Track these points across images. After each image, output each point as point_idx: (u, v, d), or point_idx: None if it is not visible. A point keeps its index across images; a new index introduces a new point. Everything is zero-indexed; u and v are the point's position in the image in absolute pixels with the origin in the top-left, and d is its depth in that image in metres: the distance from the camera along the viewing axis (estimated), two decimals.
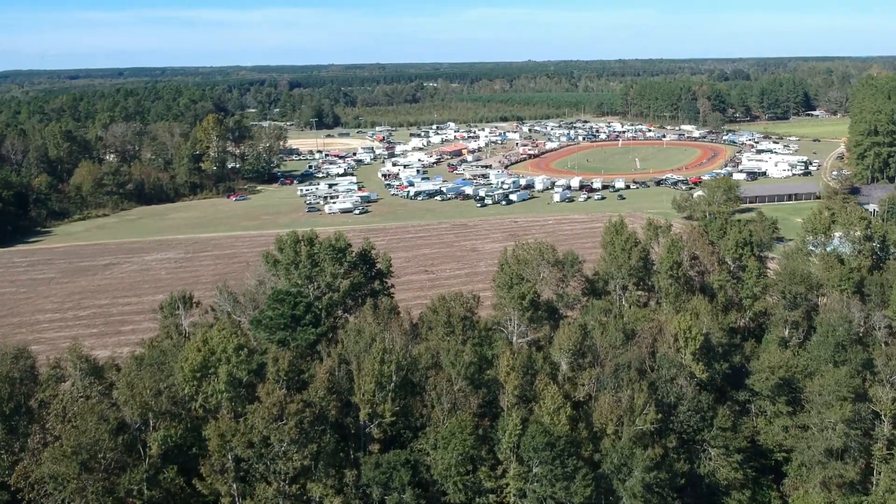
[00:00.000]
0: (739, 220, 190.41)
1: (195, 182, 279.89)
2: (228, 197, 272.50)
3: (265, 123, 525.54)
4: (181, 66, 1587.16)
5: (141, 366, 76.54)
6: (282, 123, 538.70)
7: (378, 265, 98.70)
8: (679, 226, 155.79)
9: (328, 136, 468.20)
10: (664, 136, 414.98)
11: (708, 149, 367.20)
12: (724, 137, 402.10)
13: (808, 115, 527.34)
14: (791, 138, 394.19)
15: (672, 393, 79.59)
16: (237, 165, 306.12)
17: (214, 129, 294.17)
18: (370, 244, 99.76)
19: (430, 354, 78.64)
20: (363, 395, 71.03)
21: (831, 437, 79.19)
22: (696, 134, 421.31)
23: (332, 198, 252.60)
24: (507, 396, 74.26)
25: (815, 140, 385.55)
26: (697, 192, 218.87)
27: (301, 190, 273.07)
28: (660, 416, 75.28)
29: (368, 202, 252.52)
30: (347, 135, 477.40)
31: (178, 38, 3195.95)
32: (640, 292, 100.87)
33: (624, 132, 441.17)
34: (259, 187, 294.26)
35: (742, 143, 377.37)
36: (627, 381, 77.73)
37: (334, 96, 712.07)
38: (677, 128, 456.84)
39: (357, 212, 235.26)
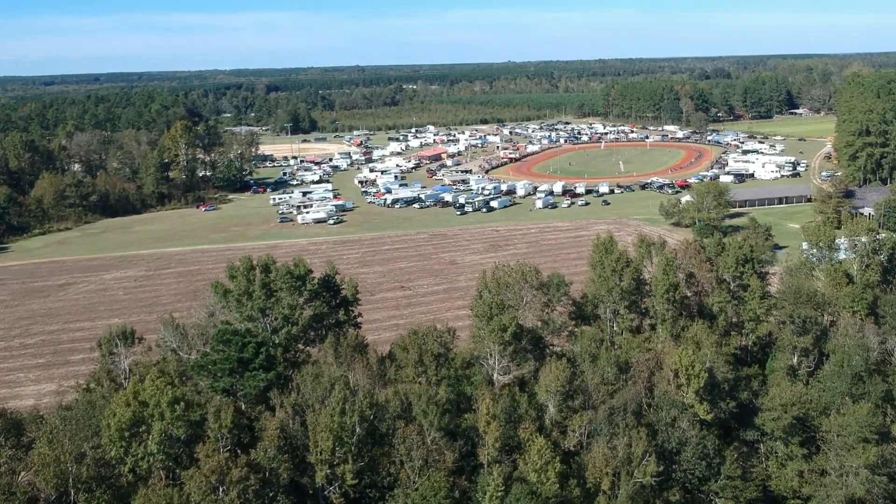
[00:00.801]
0: (732, 231, 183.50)
1: (163, 192, 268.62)
2: (198, 207, 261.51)
3: (240, 129, 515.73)
4: (159, 71, 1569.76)
5: (67, 420, 66.35)
6: (257, 129, 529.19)
7: (343, 291, 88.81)
8: (673, 240, 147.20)
9: (304, 141, 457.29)
10: (647, 138, 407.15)
11: (692, 150, 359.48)
12: (709, 138, 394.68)
13: (792, 113, 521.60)
14: (776, 138, 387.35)
15: (674, 437, 70.44)
16: (208, 174, 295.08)
17: (183, 137, 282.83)
18: (334, 269, 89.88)
19: (399, 400, 69.01)
20: (320, 454, 61.32)
21: (853, 484, 70.39)
22: (680, 134, 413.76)
23: (305, 207, 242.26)
24: (488, 449, 64.82)
25: (800, 139, 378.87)
26: (685, 198, 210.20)
27: (274, 199, 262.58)
28: (661, 467, 66.08)
29: (343, 211, 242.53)
30: (324, 140, 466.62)
31: (158, 43, 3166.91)
32: (632, 315, 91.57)
33: (606, 134, 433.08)
34: (231, 196, 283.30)
35: (727, 144, 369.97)
36: (623, 426, 68.49)
37: (312, 100, 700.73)
38: (660, 128, 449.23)
39: (331, 222, 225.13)
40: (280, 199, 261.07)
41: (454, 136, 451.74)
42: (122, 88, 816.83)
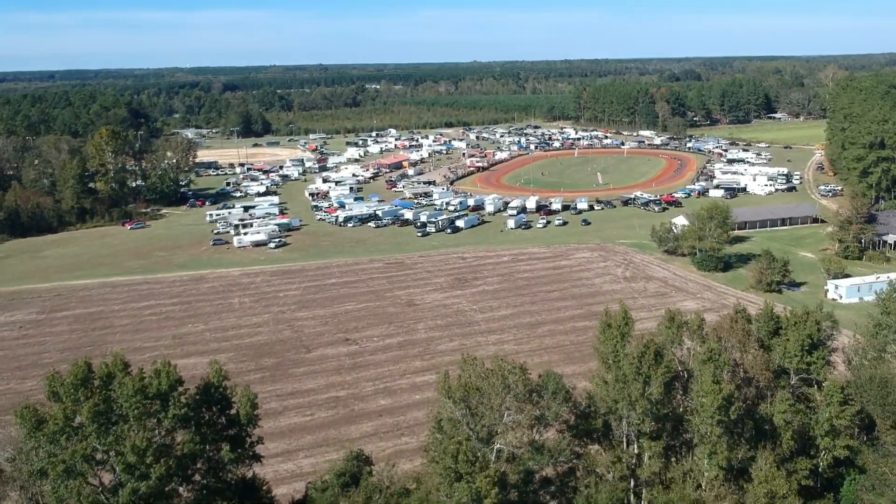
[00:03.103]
0: (737, 262, 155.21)
1: (85, 207, 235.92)
2: (123, 225, 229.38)
3: (186, 132, 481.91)
4: (117, 69, 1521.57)
5: None
6: (205, 131, 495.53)
7: (235, 406, 59.37)
8: (711, 315, 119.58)
9: (255, 145, 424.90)
10: (623, 144, 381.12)
11: (673, 158, 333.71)
12: (689, 144, 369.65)
13: (770, 117, 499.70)
14: (760, 145, 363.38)
15: None
16: (143, 183, 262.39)
17: (110, 144, 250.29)
18: (220, 372, 59.91)
19: None
20: None
21: None
22: (657, 141, 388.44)
23: (244, 226, 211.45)
24: None
25: (786, 147, 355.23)
26: (679, 220, 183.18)
27: (210, 215, 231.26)
28: None
29: (289, 230, 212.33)
30: (277, 144, 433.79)
31: (119, 41, 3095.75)
32: (662, 434, 63.13)
33: (579, 139, 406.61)
34: (164, 211, 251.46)
35: (709, 151, 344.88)
36: None
37: (269, 100, 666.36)
38: (635, 133, 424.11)
39: (272, 245, 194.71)
40: (218, 215, 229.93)
41: (417, 140, 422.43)
42: (74, 86, 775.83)
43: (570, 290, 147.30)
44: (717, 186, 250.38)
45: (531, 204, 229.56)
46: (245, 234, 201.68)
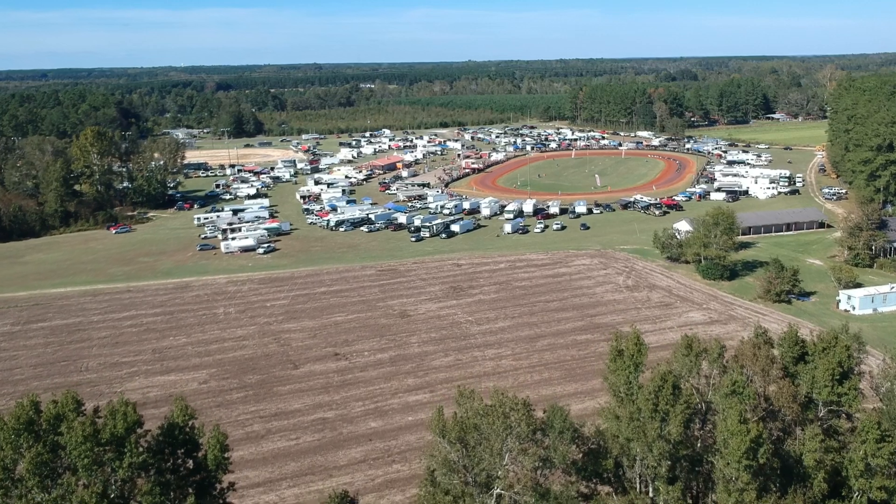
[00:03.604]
0: (743, 270, 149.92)
1: (69, 210, 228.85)
2: (108, 229, 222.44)
3: (179, 132, 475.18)
4: (110, 68, 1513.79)
5: None
6: (196, 131, 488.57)
7: (203, 449, 52.86)
8: (719, 327, 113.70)
9: (247, 145, 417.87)
10: (621, 145, 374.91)
11: (672, 160, 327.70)
12: (687, 146, 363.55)
13: (768, 118, 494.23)
14: (760, 146, 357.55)
15: None
16: (129, 185, 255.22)
17: (95, 145, 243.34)
18: (185, 410, 53.40)
19: None
20: None
21: None
22: (656, 142, 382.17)
23: (232, 231, 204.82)
24: None
25: (786, 148, 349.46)
26: (681, 225, 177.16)
27: (198, 218, 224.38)
28: None
29: (279, 235, 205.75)
30: (269, 144, 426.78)
31: (113, 39, 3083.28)
32: (681, 478, 56.85)
33: (576, 140, 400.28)
34: (151, 214, 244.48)
35: (709, 153, 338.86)
36: None
37: (262, 99, 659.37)
38: (633, 134, 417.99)
39: (261, 251, 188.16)
40: (206, 218, 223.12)
41: (411, 141, 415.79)
42: (66, 85, 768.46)
43: (570, 300, 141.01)
44: (719, 189, 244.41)
45: (528, 207, 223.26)
46: (233, 239, 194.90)
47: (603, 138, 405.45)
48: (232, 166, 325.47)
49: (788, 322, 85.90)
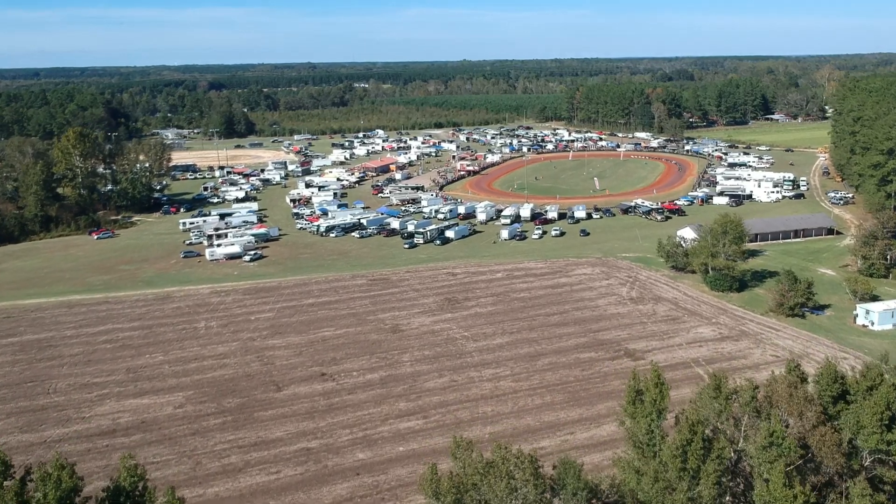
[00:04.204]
0: (753, 281, 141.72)
1: (49, 215, 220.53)
2: (90, 234, 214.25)
3: (168, 132, 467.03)
4: (103, 67, 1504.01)
5: None
6: (186, 132, 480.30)
7: None
8: (730, 344, 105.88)
9: (238, 146, 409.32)
10: (619, 147, 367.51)
11: (671, 162, 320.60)
12: (687, 147, 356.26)
13: (767, 119, 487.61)
14: (761, 147, 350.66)
15: None
16: (114, 188, 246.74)
17: (78, 147, 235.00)
18: (134, 471, 45.63)
19: None
20: None
21: None
22: (654, 143, 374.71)
23: (219, 237, 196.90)
24: None
25: (787, 150, 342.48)
26: (685, 232, 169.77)
27: (184, 223, 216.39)
28: None
29: (267, 240, 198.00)
30: (260, 145, 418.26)
31: (107, 38, 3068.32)
32: None
33: (573, 141, 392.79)
34: (136, 218, 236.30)
35: (709, 155, 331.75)
36: None
37: (254, 99, 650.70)
38: (630, 135, 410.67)
39: (247, 258, 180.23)
40: (192, 223, 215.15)
41: (405, 142, 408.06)
42: (58, 84, 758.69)
43: (571, 314, 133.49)
44: (721, 193, 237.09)
45: (525, 212, 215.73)
46: (218, 245, 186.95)
47: (601, 139, 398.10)
48: (221, 168, 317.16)
49: (826, 357, 78.49)
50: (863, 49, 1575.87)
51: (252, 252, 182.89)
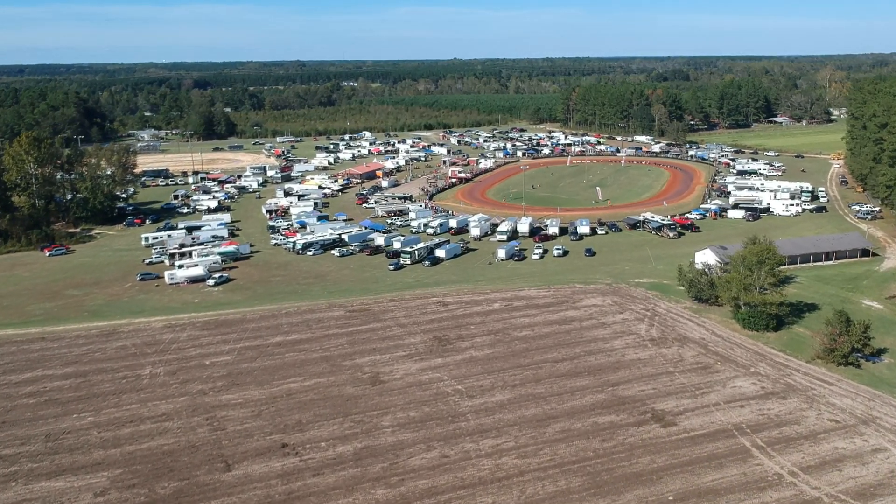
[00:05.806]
0: (791, 318, 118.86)
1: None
2: (42, 250, 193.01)
3: (145, 133, 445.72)
4: (89, 64, 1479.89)
5: None
6: (163, 132, 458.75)
7: None
8: (776, 404, 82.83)
9: (216, 149, 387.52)
10: (620, 151, 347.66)
11: (676, 168, 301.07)
12: (691, 153, 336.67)
13: (770, 121, 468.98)
14: (769, 153, 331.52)
15: None
16: (73, 197, 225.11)
17: (32, 153, 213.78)
18: None
19: None
20: None
21: None
22: (656, 147, 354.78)
23: (181, 256, 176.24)
24: None
25: (797, 156, 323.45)
26: (710, 257, 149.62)
27: (147, 238, 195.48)
28: None
29: (235, 260, 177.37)
30: (240, 148, 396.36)
31: (94, 35, 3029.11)
32: None
33: (570, 145, 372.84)
34: (96, 231, 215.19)
35: (715, 161, 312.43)
36: None
37: (238, 98, 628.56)
38: (630, 139, 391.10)
39: (211, 282, 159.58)
40: (155, 238, 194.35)
41: (393, 145, 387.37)
42: (27, 83, 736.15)
43: (583, 360, 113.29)
44: (736, 206, 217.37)
45: (524, 227, 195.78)
46: (180, 266, 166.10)
47: (599, 143, 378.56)
48: (195, 173, 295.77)
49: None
50: (855, 49, 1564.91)
51: (218, 275, 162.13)
